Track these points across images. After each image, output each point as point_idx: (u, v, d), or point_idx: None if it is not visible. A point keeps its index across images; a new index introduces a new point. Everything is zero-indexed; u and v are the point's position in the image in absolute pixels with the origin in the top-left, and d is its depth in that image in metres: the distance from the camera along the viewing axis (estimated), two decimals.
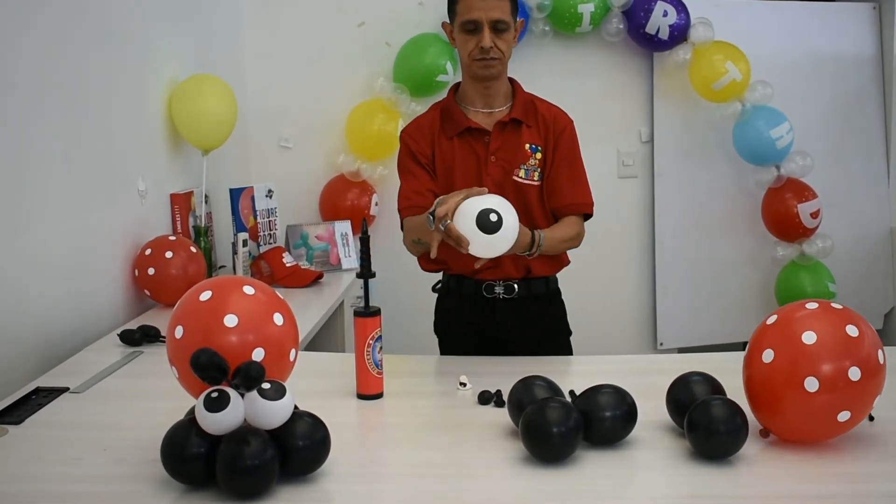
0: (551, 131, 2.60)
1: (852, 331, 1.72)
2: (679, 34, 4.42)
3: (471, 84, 2.58)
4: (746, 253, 4.83)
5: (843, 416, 1.69)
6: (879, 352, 1.73)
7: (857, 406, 1.71)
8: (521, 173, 2.57)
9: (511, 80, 2.64)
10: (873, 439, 1.79)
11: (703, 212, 4.78)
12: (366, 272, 2.15)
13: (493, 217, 2.12)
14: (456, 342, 2.75)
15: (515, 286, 2.61)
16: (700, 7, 4.46)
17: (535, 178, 2.58)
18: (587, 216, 2.66)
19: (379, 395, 2.11)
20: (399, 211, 2.63)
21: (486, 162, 2.56)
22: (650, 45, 4.50)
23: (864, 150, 4.89)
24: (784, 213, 4.54)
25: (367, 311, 2.12)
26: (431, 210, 2.24)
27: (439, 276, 2.77)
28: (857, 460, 1.70)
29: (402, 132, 2.67)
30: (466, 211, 2.14)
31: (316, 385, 2.15)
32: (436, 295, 2.81)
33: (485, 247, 2.16)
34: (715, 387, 1.83)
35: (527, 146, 2.58)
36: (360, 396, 2.11)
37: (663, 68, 4.61)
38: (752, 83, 4.47)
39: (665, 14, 4.35)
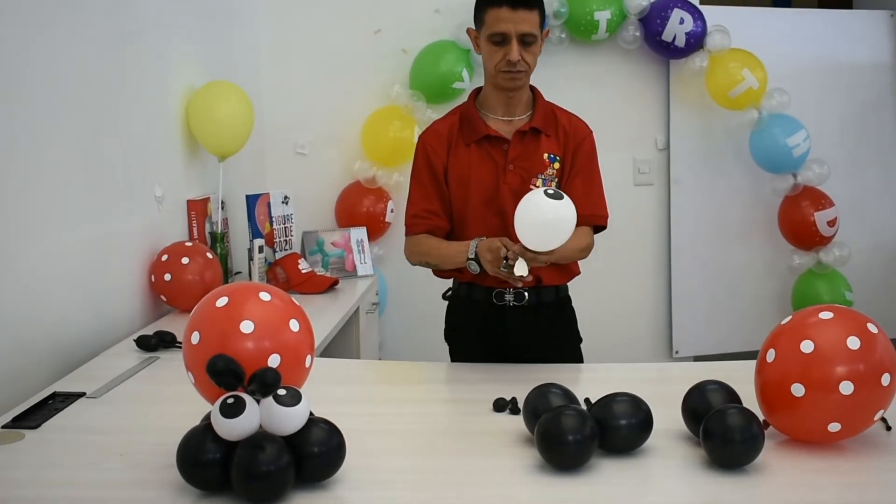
0: (571, 141, 2.59)
1: (853, 343, 1.72)
2: (695, 42, 4.41)
3: (493, 92, 2.58)
4: (763, 261, 4.82)
5: (846, 386, 1.69)
6: (885, 375, 1.72)
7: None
8: (539, 182, 2.56)
9: (532, 89, 2.63)
10: (890, 449, 1.78)
11: (719, 220, 4.77)
12: None
13: (551, 191, 2.17)
14: (466, 349, 2.74)
15: (525, 294, 2.59)
16: (716, 15, 4.46)
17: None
18: (600, 228, 2.66)
19: None
20: (407, 224, 2.66)
21: (504, 170, 2.56)
22: (666, 52, 4.49)
23: (880, 157, 4.88)
24: (801, 221, 4.53)
25: None
26: (472, 256, 2.38)
27: (450, 282, 2.77)
28: (874, 470, 1.69)
29: (420, 135, 2.68)
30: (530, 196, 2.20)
31: (331, 391, 2.15)
32: (446, 302, 2.81)
33: (549, 224, 2.18)
34: (731, 395, 1.82)
35: (545, 156, 2.57)
36: None
37: (680, 76, 4.61)
38: (769, 91, 4.46)
39: (681, 21, 4.35)
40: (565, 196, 2.17)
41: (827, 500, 1.59)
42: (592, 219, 2.62)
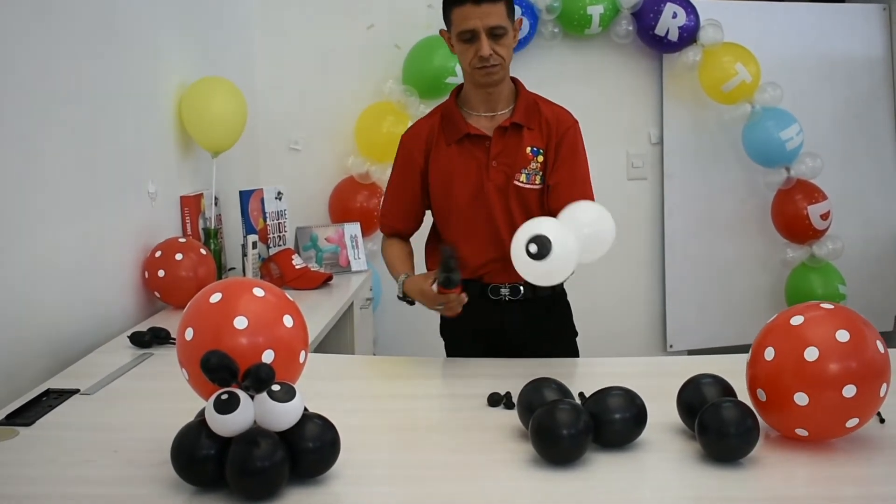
0: (554, 133, 2.57)
1: (807, 350, 1.71)
2: (688, 36, 4.42)
3: (472, 89, 2.56)
4: (756, 255, 4.82)
5: (801, 398, 1.68)
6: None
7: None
8: (523, 178, 2.55)
9: (514, 81, 2.61)
10: (885, 442, 1.78)
11: (712, 213, 4.78)
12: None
13: (534, 248, 2.03)
14: (461, 344, 2.74)
15: (521, 288, 2.60)
16: (709, 8, 4.46)
17: (537, 182, 2.56)
18: None
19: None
20: (380, 223, 2.77)
21: (487, 167, 2.55)
22: (659, 46, 4.49)
23: (873, 151, 4.89)
24: (794, 214, 4.54)
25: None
26: (400, 295, 2.49)
27: None
28: (868, 463, 1.69)
29: (402, 135, 2.70)
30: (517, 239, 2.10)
31: (325, 387, 2.15)
32: None
33: (544, 274, 2.13)
34: (725, 389, 1.83)
35: (528, 150, 2.55)
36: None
37: (673, 70, 4.61)
38: (762, 85, 4.46)
39: (674, 16, 4.35)
40: (551, 250, 2.05)
41: (821, 493, 1.59)
42: None
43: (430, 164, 2.60)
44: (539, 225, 2.08)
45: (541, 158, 2.56)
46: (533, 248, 2.02)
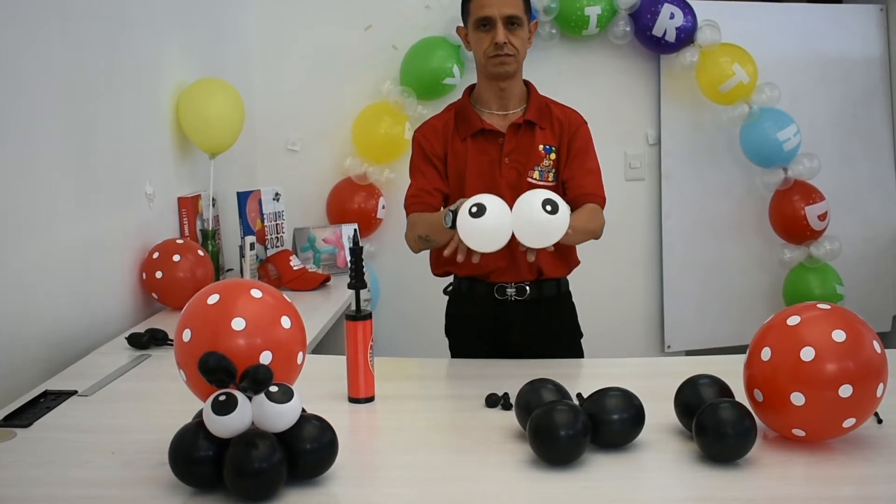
0: (565, 131, 2.60)
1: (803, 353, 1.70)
2: (686, 36, 4.41)
3: (486, 85, 2.59)
4: (754, 255, 4.82)
5: (797, 398, 1.69)
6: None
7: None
8: (536, 174, 2.57)
9: (526, 83, 2.65)
10: (882, 441, 1.78)
11: (710, 214, 4.77)
12: (358, 283, 2.13)
13: (550, 207, 2.09)
14: (467, 345, 2.75)
15: (527, 288, 2.60)
16: (707, 9, 4.46)
17: (550, 179, 2.59)
18: None
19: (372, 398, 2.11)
20: (405, 206, 2.64)
21: (499, 164, 2.57)
22: (657, 47, 4.49)
23: (871, 151, 4.88)
24: (792, 215, 4.53)
25: (361, 315, 2.11)
26: (452, 208, 2.20)
27: (449, 279, 2.77)
28: (866, 463, 1.69)
29: (415, 132, 2.68)
30: (528, 199, 2.12)
31: (323, 388, 2.15)
32: (446, 297, 2.80)
33: (544, 228, 2.10)
34: (723, 389, 1.83)
35: (541, 147, 2.58)
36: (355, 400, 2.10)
37: (670, 71, 4.61)
38: (759, 85, 4.46)
39: (672, 16, 4.35)
40: (560, 209, 2.10)
41: (819, 493, 1.59)
42: (595, 197, 2.59)
43: (447, 156, 2.60)
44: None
45: (553, 156, 2.59)
46: (549, 207, 2.08)
